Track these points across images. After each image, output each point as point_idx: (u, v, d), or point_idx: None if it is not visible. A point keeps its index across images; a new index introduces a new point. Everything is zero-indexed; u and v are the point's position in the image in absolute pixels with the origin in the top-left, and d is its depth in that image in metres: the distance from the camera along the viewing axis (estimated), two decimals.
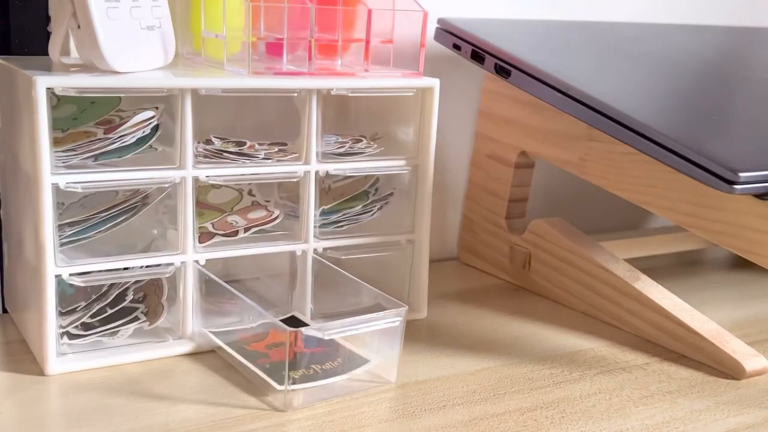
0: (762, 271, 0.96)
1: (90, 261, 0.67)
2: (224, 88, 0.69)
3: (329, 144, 0.75)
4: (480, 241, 0.96)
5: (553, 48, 0.89)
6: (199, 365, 0.69)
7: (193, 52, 0.78)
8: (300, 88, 0.72)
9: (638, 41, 0.97)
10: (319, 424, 0.61)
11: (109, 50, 0.64)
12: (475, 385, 0.68)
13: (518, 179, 0.92)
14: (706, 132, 0.74)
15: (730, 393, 0.69)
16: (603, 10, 1.07)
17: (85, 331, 0.69)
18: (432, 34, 0.90)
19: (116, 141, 0.67)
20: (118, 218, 0.69)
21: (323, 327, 0.64)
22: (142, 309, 0.71)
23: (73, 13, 0.64)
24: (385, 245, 0.80)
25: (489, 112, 0.93)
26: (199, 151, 0.70)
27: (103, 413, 0.61)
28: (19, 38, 0.75)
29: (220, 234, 0.73)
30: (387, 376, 0.68)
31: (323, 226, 0.77)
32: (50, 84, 0.62)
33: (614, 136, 0.75)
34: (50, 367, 0.66)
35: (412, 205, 0.80)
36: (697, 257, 1.06)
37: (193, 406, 0.62)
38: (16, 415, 0.60)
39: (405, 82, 0.76)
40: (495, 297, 0.89)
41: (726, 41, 1.05)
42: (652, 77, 0.85)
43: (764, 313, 0.87)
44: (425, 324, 0.81)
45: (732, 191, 0.66)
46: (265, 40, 0.74)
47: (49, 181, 0.63)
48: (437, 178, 0.93)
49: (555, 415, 0.64)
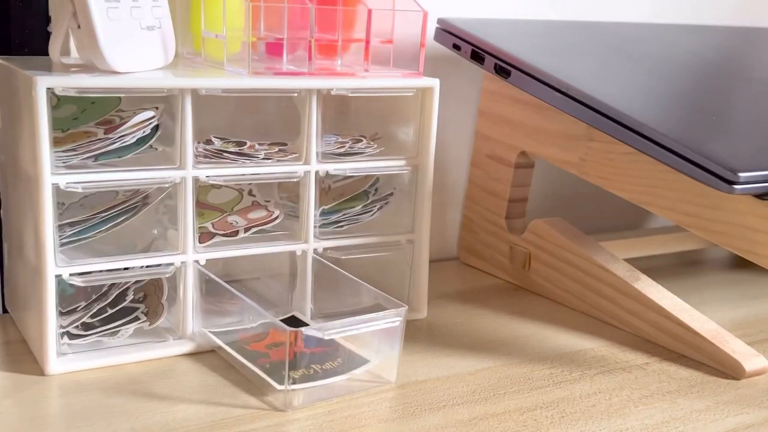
0: (762, 271, 0.96)
1: (90, 261, 0.67)
2: (224, 88, 0.69)
3: (329, 144, 0.75)
4: (480, 241, 0.96)
5: (553, 48, 0.89)
6: (199, 365, 0.69)
7: (193, 52, 0.78)
8: (300, 88, 0.72)
9: (638, 41, 0.97)
10: (319, 424, 0.61)
11: (109, 50, 0.64)
12: (475, 385, 0.68)
13: (518, 179, 0.92)
14: (706, 132, 0.74)
15: (730, 393, 0.69)
16: (603, 10, 1.07)
17: (86, 331, 0.69)
18: (432, 34, 0.90)
19: (116, 141, 0.67)
20: (119, 218, 0.69)
21: (323, 327, 0.64)
22: (143, 309, 0.71)
23: (73, 13, 0.65)
24: (385, 245, 0.80)
25: (489, 112, 0.93)
26: (199, 151, 0.70)
27: (103, 413, 0.61)
28: (19, 38, 0.75)
29: (221, 234, 0.73)
30: (387, 376, 0.68)
31: (323, 226, 0.77)
32: (50, 84, 0.62)
33: (614, 136, 0.75)
34: (50, 367, 0.66)
35: (412, 205, 0.80)
36: (697, 257, 1.06)
37: (193, 406, 0.62)
38: (16, 415, 0.60)
39: (405, 82, 0.76)
40: (495, 297, 0.89)
41: (726, 41, 1.05)
42: (652, 77, 0.85)
43: (764, 313, 0.87)
44: (425, 324, 0.81)
45: (732, 191, 0.66)
46: (265, 40, 0.74)
47: (49, 181, 0.63)
48: (437, 178, 0.93)
49: (555, 415, 0.64)
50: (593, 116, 0.76)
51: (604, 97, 0.76)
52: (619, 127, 0.74)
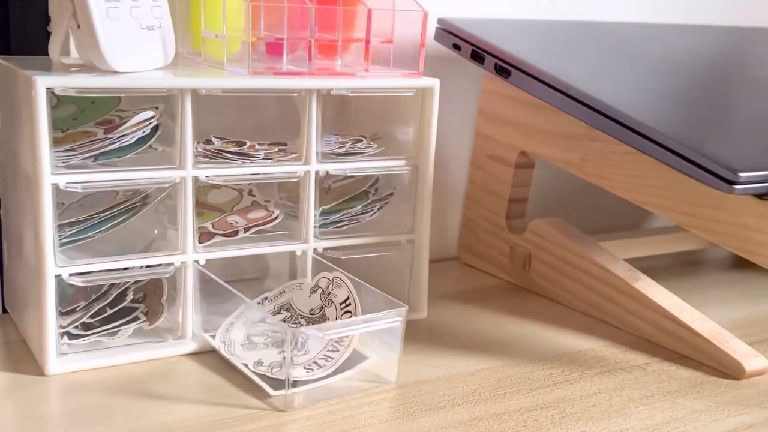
0: (762, 271, 0.96)
1: (90, 261, 0.67)
2: (224, 88, 0.69)
3: (329, 144, 0.75)
4: (480, 241, 0.96)
5: (553, 48, 0.89)
6: (199, 365, 0.69)
7: (192, 52, 0.78)
8: (300, 88, 0.72)
9: (638, 41, 0.97)
10: (319, 424, 0.61)
11: (109, 50, 0.64)
12: (475, 385, 0.68)
13: (518, 179, 0.92)
14: (706, 132, 0.74)
15: (730, 393, 0.69)
16: (603, 10, 1.07)
17: (85, 331, 0.69)
18: (432, 34, 0.90)
19: (116, 141, 0.67)
20: (118, 218, 0.69)
21: (323, 327, 0.64)
22: (142, 309, 0.71)
23: (73, 13, 0.64)
24: (386, 245, 0.80)
25: (489, 112, 0.93)
26: (199, 151, 0.70)
27: (103, 413, 0.61)
28: (19, 38, 0.75)
29: (220, 234, 0.73)
30: (387, 376, 0.68)
31: (323, 226, 0.77)
32: (50, 84, 0.62)
33: (614, 136, 0.75)
34: (50, 367, 0.66)
35: (412, 205, 0.80)
36: (697, 257, 1.06)
37: (193, 406, 0.62)
38: (16, 415, 0.60)
39: (405, 82, 0.76)
40: (495, 297, 0.89)
41: (726, 41, 1.05)
42: (652, 77, 0.85)
43: (764, 313, 0.87)
44: (425, 324, 0.81)
45: (732, 191, 0.66)
46: (265, 40, 0.74)
47: (49, 181, 0.63)
48: (437, 178, 0.93)
49: (555, 415, 0.64)
50: (593, 116, 0.76)
51: (604, 96, 0.76)
52: (619, 127, 0.74)
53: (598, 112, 0.76)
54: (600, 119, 0.75)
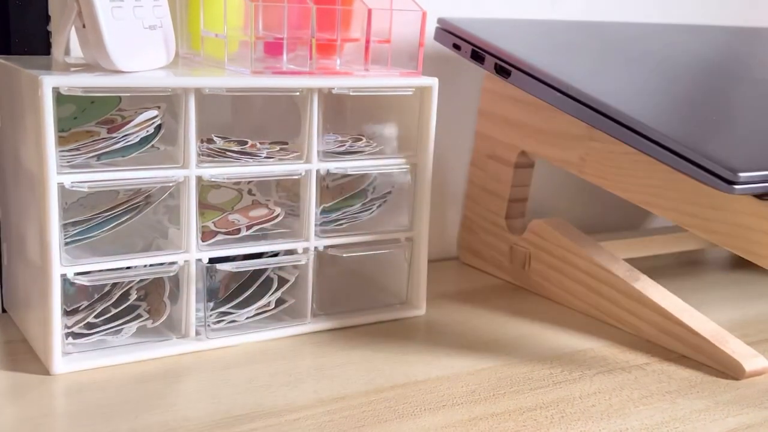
0: (762, 271, 0.97)
1: (94, 260, 0.67)
2: (229, 87, 0.69)
3: (329, 143, 0.75)
4: (480, 240, 0.97)
5: (553, 48, 0.89)
6: (201, 364, 0.69)
7: (190, 51, 0.78)
8: (302, 87, 0.72)
9: (638, 41, 0.97)
10: (318, 423, 0.61)
11: (114, 50, 0.64)
12: (475, 385, 0.68)
13: (518, 179, 0.92)
14: (706, 132, 0.74)
15: (730, 393, 0.69)
16: (603, 10, 1.07)
17: (89, 330, 0.69)
18: (432, 33, 0.90)
19: (120, 140, 0.67)
20: (122, 218, 0.69)
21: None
22: (144, 307, 0.71)
23: (78, 12, 0.65)
24: (385, 243, 0.80)
25: (489, 112, 0.94)
26: (202, 150, 0.70)
27: (103, 412, 0.61)
28: (19, 38, 0.75)
29: (222, 232, 0.73)
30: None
31: (323, 224, 0.77)
32: (57, 84, 0.62)
33: (614, 136, 0.75)
34: (56, 367, 0.66)
35: (411, 203, 0.81)
36: (697, 257, 1.06)
37: (194, 405, 0.63)
38: (18, 415, 0.60)
39: (404, 81, 0.77)
40: (495, 297, 0.89)
41: (726, 41, 1.05)
42: (652, 77, 0.86)
43: (764, 313, 0.88)
44: (424, 324, 0.81)
45: (732, 191, 0.66)
46: (265, 40, 0.74)
47: (55, 181, 0.63)
48: (437, 177, 0.93)
49: (555, 415, 0.64)
50: (593, 116, 0.76)
51: (604, 96, 0.76)
52: (619, 127, 0.74)
53: (598, 112, 0.76)
54: (600, 119, 0.76)
